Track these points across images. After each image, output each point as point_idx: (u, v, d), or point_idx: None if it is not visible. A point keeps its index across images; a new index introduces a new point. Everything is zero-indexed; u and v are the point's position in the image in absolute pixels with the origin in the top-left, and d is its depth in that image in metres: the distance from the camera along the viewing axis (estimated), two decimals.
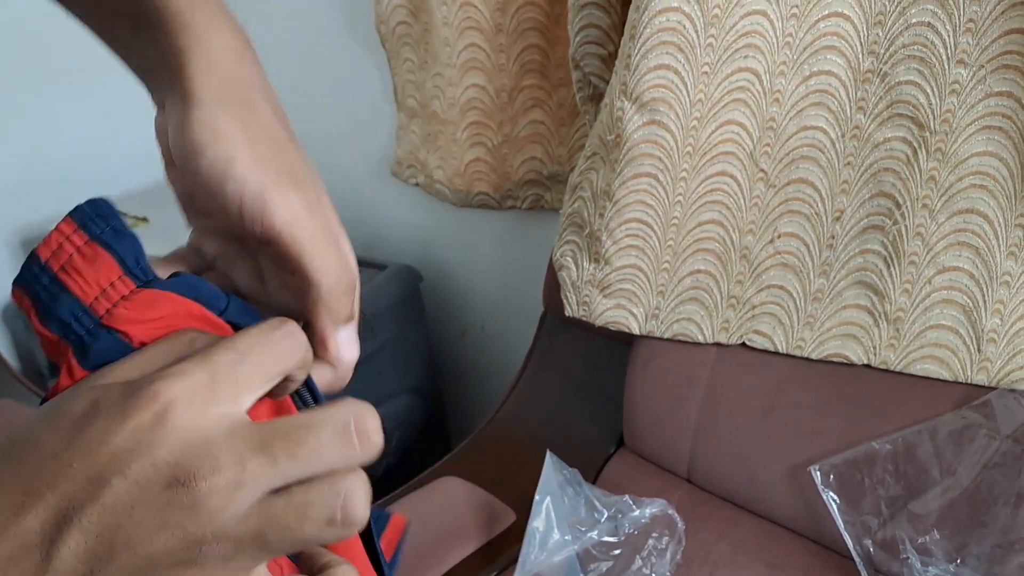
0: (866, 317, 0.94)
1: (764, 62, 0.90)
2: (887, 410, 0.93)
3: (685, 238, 0.99)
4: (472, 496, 1.08)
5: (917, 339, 0.92)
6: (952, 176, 0.87)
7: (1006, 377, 0.89)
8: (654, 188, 0.96)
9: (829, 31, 0.88)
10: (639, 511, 0.96)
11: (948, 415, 0.90)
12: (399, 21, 1.40)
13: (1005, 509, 0.85)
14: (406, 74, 1.45)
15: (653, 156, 0.94)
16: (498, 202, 1.42)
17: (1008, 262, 0.87)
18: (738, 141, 0.94)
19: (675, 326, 1.03)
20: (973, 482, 0.87)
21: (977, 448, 0.87)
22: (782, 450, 0.98)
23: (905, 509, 0.89)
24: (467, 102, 1.35)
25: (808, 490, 0.94)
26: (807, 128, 0.92)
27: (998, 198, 0.86)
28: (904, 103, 0.87)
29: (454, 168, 1.41)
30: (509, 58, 1.29)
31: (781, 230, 0.97)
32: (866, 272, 0.94)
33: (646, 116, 0.92)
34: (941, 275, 0.90)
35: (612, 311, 1.04)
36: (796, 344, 0.99)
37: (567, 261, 1.05)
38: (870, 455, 0.91)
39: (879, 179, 0.91)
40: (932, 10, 0.84)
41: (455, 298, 1.64)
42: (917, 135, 0.87)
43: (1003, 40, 0.81)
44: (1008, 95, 0.83)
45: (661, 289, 1.02)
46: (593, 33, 1.05)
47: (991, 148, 0.85)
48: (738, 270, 1.00)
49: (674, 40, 0.89)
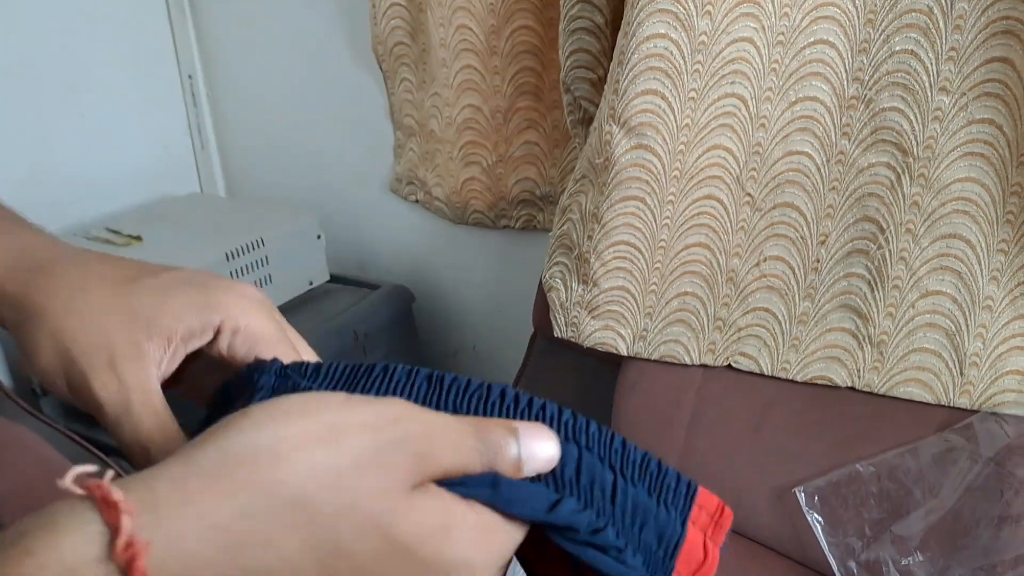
0: (850, 340, 0.95)
1: (750, 88, 0.91)
2: (871, 432, 0.94)
3: (672, 260, 1.00)
4: None
5: (900, 362, 0.93)
6: (935, 201, 0.88)
7: (988, 400, 0.89)
8: (642, 211, 0.97)
9: (814, 58, 0.90)
10: None
11: (931, 438, 0.91)
12: (397, 42, 1.41)
13: (987, 531, 0.85)
14: (404, 93, 1.46)
15: (641, 180, 0.95)
16: (492, 220, 1.43)
17: (990, 286, 0.88)
18: (724, 165, 0.95)
19: (662, 347, 1.04)
20: (956, 504, 0.88)
21: (959, 471, 0.88)
22: (767, 471, 0.98)
23: (888, 531, 0.90)
24: (463, 122, 1.36)
25: (793, 511, 0.95)
26: (793, 153, 0.93)
27: (980, 223, 0.87)
28: (888, 129, 0.88)
29: (451, 186, 1.43)
30: (504, 80, 1.31)
31: (767, 253, 0.98)
32: (850, 295, 0.95)
33: (634, 140, 0.94)
34: (924, 299, 0.91)
35: (600, 332, 1.04)
36: (781, 366, 0.99)
37: (556, 282, 1.06)
38: (854, 477, 0.92)
39: (863, 204, 0.92)
40: (915, 38, 0.85)
41: (447, 318, 1.65)
42: (901, 161, 0.89)
43: (984, 68, 0.83)
44: (989, 122, 0.84)
45: (649, 311, 1.03)
46: (583, 58, 1.07)
47: (973, 174, 0.86)
48: (724, 292, 1.01)
49: (661, 66, 0.90)
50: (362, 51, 1.49)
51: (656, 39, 0.89)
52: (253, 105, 1.74)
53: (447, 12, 1.28)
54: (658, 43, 0.89)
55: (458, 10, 1.28)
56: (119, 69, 1.66)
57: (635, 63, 0.91)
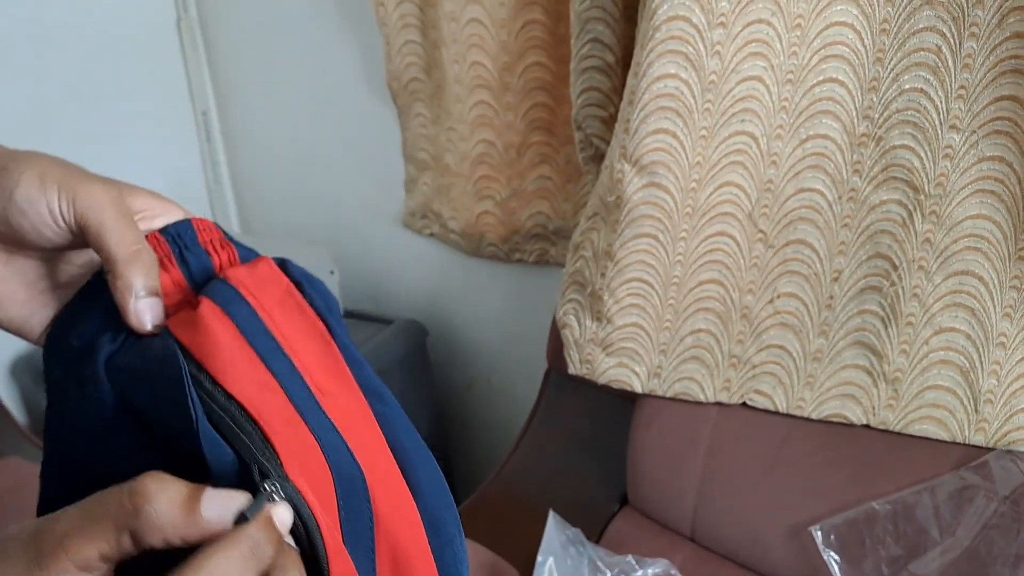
0: (865, 377, 0.95)
1: (761, 126, 0.92)
2: (887, 470, 0.93)
3: (686, 297, 1.00)
4: (476, 555, 1.09)
5: (915, 399, 0.92)
6: (947, 238, 0.88)
7: (1003, 438, 0.89)
8: (654, 248, 0.97)
9: (824, 96, 0.90)
10: (642, 571, 0.97)
11: (947, 476, 0.90)
12: (411, 78, 1.43)
13: (1004, 570, 0.85)
14: (418, 128, 1.48)
15: (653, 217, 0.96)
16: (506, 254, 1.44)
17: (1004, 323, 0.88)
18: (737, 202, 0.95)
19: (677, 385, 1.04)
20: (972, 543, 0.87)
21: (976, 509, 0.87)
22: (783, 509, 0.98)
23: (906, 569, 0.89)
24: (477, 156, 1.37)
25: (809, 550, 0.94)
26: (805, 190, 0.94)
27: (992, 260, 0.87)
28: (899, 167, 0.89)
29: (466, 219, 1.44)
30: (517, 115, 1.32)
31: (780, 290, 0.98)
32: (864, 332, 0.95)
33: (646, 178, 0.94)
34: (938, 336, 0.91)
35: (614, 369, 1.05)
36: (796, 404, 0.99)
37: (570, 319, 1.06)
38: (871, 515, 0.92)
39: (876, 240, 0.92)
40: (925, 77, 0.85)
41: (461, 351, 1.65)
42: (912, 198, 0.89)
43: (994, 107, 0.83)
44: (1000, 159, 0.84)
45: (663, 348, 1.03)
46: (594, 96, 1.07)
47: (984, 211, 0.86)
48: (739, 329, 1.01)
49: (672, 105, 0.91)
50: (375, 87, 1.51)
51: (666, 79, 0.90)
52: (266, 141, 1.76)
53: (461, 49, 1.30)
54: (668, 83, 0.90)
55: (472, 47, 1.29)
56: (134, 107, 1.69)
57: (646, 103, 0.91)
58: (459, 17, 1.28)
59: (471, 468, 1.73)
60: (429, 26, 1.35)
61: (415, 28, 1.37)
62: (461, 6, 1.27)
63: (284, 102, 1.70)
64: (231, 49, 1.72)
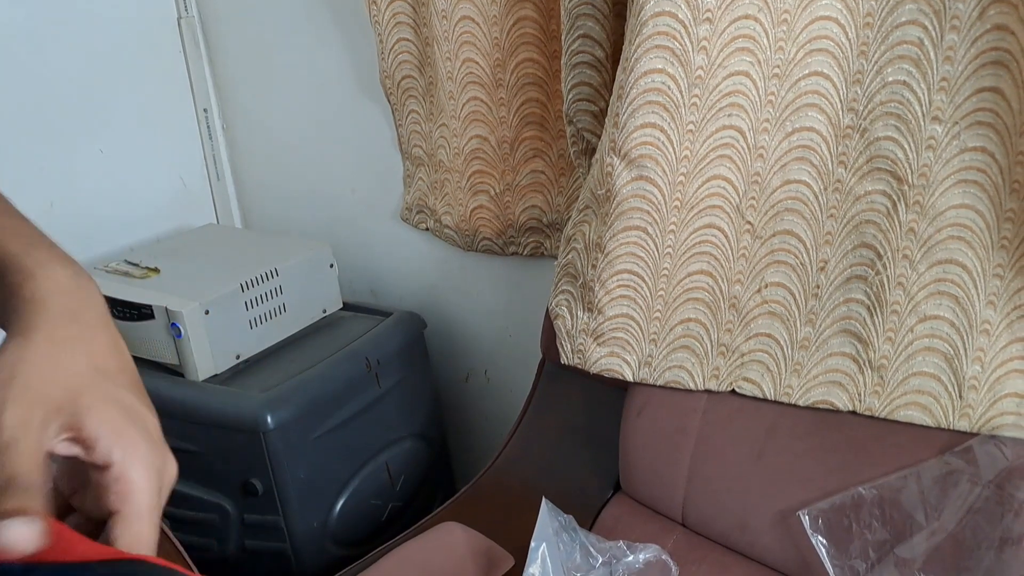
0: (851, 365, 0.97)
1: (748, 120, 0.93)
2: (873, 456, 0.95)
3: (675, 288, 1.02)
4: (472, 541, 1.11)
5: (900, 386, 0.94)
6: (931, 228, 0.90)
7: (987, 423, 0.91)
8: (644, 240, 0.99)
9: (810, 90, 0.92)
10: (633, 556, 0.98)
11: (932, 461, 0.92)
12: (404, 76, 1.44)
13: (988, 553, 0.87)
14: (412, 125, 1.49)
15: (642, 210, 0.97)
16: (501, 248, 1.45)
17: (987, 311, 0.90)
18: (724, 195, 0.97)
19: (667, 373, 1.06)
20: (957, 527, 0.89)
21: (960, 493, 0.89)
22: (772, 495, 1.00)
23: (892, 553, 0.91)
24: (471, 152, 1.39)
25: (797, 534, 0.96)
26: (791, 182, 0.95)
27: (976, 249, 0.88)
28: (883, 158, 0.90)
29: (460, 214, 1.46)
30: (509, 111, 1.33)
31: (768, 280, 0.99)
32: (850, 321, 0.96)
33: (634, 172, 0.96)
34: (923, 323, 0.92)
35: (606, 359, 1.06)
36: (784, 391, 1.01)
37: (562, 310, 1.08)
38: (857, 500, 0.93)
39: (861, 231, 0.94)
40: (907, 69, 0.87)
41: (458, 343, 1.67)
42: (896, 188, 0.90)
43: (975, 98, 0.85)
44: (982, 150, 0.86)
45: (653, 337, 1.05)
46: (585, 91, 1.09)
47: (967, 201, 0.88)
48: (727, 319, 1.02)
49: (659, 100, 0.92)
50: (371, 85, 1.52)
51: (654, 74, 0.92)
52: (267, 138, 1.78)
53: (453, 46, 1.31)
54: (655, 78, 0.92)
55: (464, 44, 1.31)
56: (136, 105, 1.71)
57: (634, 97, 0.93)
58: (451, 14, 1.29)
59: (468, 457, 1.75)
60: (421, 24, 1.37)
61: (407, 26, 1.39)
62: (453, 3, 1.28)
63: (284, 99, 1.72)
64: (231, 47, 1.74)
